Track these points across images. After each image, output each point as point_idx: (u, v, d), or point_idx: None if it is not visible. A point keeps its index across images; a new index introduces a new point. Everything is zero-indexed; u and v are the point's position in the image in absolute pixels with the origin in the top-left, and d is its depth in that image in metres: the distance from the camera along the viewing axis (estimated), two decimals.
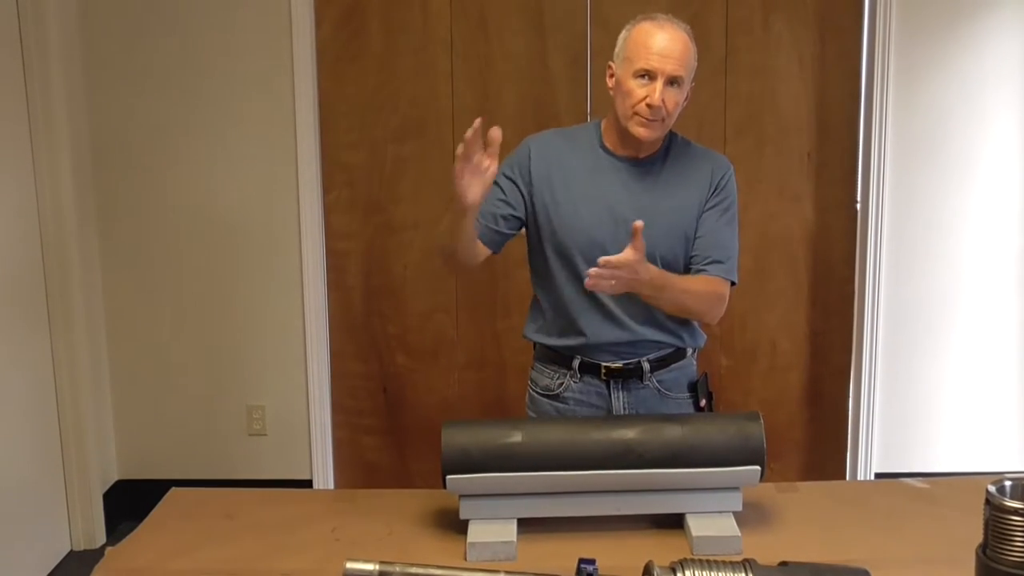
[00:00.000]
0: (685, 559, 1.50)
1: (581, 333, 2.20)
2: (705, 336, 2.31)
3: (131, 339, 3.68)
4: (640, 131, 2.10)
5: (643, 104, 2.07)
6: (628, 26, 2.14)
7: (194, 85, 3.51)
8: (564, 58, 3.54)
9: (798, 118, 3.56)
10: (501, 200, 2.19)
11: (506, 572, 1.45)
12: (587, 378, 2.24)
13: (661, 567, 1.48)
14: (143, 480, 3.70)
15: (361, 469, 3.79)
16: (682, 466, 1.88)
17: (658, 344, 2.22)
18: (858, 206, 3.58)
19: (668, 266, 2.15)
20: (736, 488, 1.92)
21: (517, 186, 2.19)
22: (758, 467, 1.89)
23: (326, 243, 3.66)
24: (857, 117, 3.54)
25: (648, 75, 2.06)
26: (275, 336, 3.67)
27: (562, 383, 2.26)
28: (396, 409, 3.77)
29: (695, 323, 2.26)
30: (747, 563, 1.49)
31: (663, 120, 2.09)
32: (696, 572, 1.47)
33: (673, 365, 2.26)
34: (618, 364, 2.21)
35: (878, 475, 3.66)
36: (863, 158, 3.54)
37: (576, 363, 2.23)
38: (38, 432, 3.33)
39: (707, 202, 2.19)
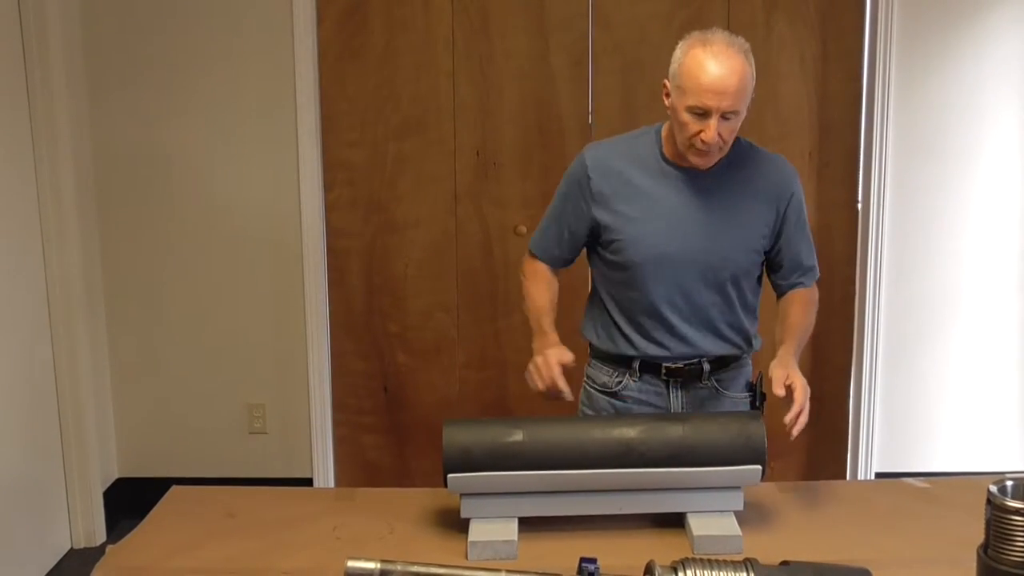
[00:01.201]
0: (686, 558, 1.50)
1: (641, 347, 2.20)
2: (762, 340, 2.30)
3: (132, 336, 3.68)
4: (697, 161, 2.07)
5: (698, 138, 2.01)
6: (682, 44, 2.03)
7: (195, 83, 3.51)
8: (566, 57, 3.54)
9: (799, 118, 3.56)
10: (560, 224, 2.21)
11: (507, 571, 1.45)
12: (647, 377, 2.23)
13: (662, 566, 1.48)
14: (143, 478, 3.70)
15: (362, 468, 3.79)
16: (683, 465, 1.88)
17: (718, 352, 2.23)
18: (859, 206, 3.58)
19: (738, 279, 2.15)
20: (737, 487, 1.92)
21: (578, 205, 2.17)
22: (759, 466, 1.89)
23: (327, 241, 3.66)
24: (858, 117, 3.54)
25: (703, 111, 1.99)
26: (276, 334, 3.67)
27: (621, 381, 2.25)
28: (397, 408, 3.77)
29: (754, 331, 2.26)
30: (748, 562, 1.49)
31: (720, 149, 2.06)
32: (697, 571, 1.46)
33: (732, 365, 2.25)
34: (679, 364, 2.21)
35: (879, 475, 3.66)
36: (864, 158, 3.54)
37: (636, 363, 2.23)
38: (38, 429, 3.33)
39: (782, 219, 2.15)
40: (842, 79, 3.54)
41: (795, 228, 2.18)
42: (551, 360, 2.14)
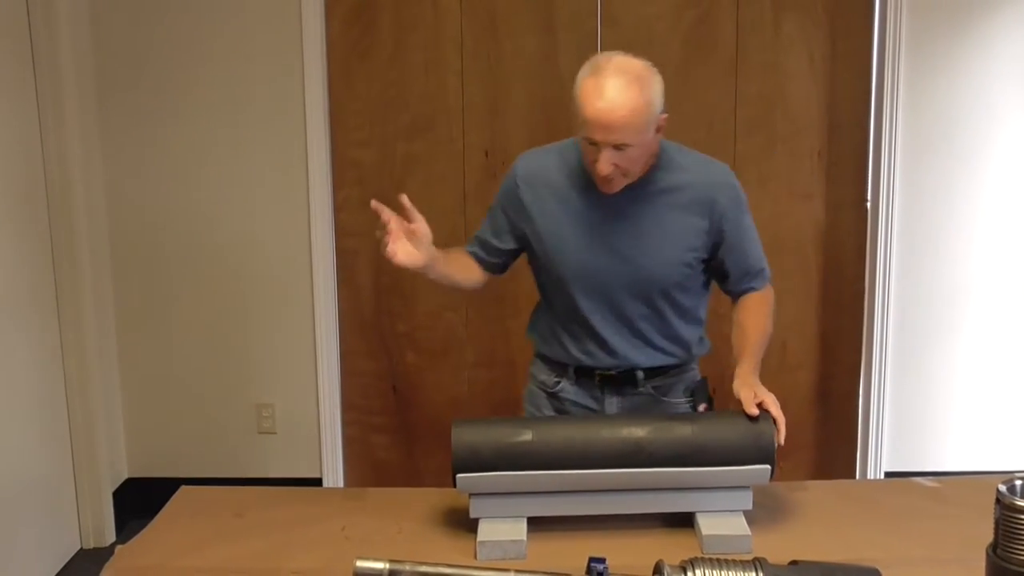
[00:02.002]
0: (695, 558, 1.50)
1: (574, 353, 2.20)
2: (709, 345, 2.28)
3: (141, 337, 3.69)
4: (601, 187, 2.01)
5: (594, 167, 1.96)
6: (583, 69, 1.95)
7: (203, 83, 3.52)
8: (574, 56, 3.53)
9: (808, 117, 3.55)
10: (491, 230, 2.21)
11: (516, 571, 1.45)
12: (583, 381, 2.23)
13: (671, 566, 1.48)
14: (153, 478, 3.71)
15: (371, 467, 3.79)
16: (692, 465, 1.88)
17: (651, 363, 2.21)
18: (868, 205, 3.57)
19: (669, 291, 2.11)
20: (746, 487, 1.92)
21: (507, 215, 2.17)
22: (768, 466, 1.88)
23: (336, 241, 3.66)
24: (867, 116, 3.53)
25: (595, 142, 1.93)
26: (285, 334, 3.67)
27: (559, 383, 2.26)
28: (406, 407, 3.77)
29: (695, 339, 2.22)
30: (757, 562, 1.49)
31: (625, 175, 1.99)
32: (706, 571, 1.46)
33: (672, 372, 2.23)
34: (611, 372, 2.20)
35: (888, 474, 3.65)
36: (873, 157, 3.53)
37: (571, 369, 2.23)
38: (48, 430, 3.34)
39: (718, 228, 2.10)
40: (851, 78, 3.53)
41: (735, 235, 2.11)
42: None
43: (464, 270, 2.24)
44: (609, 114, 1.87)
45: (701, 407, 2.18)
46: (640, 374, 2.19)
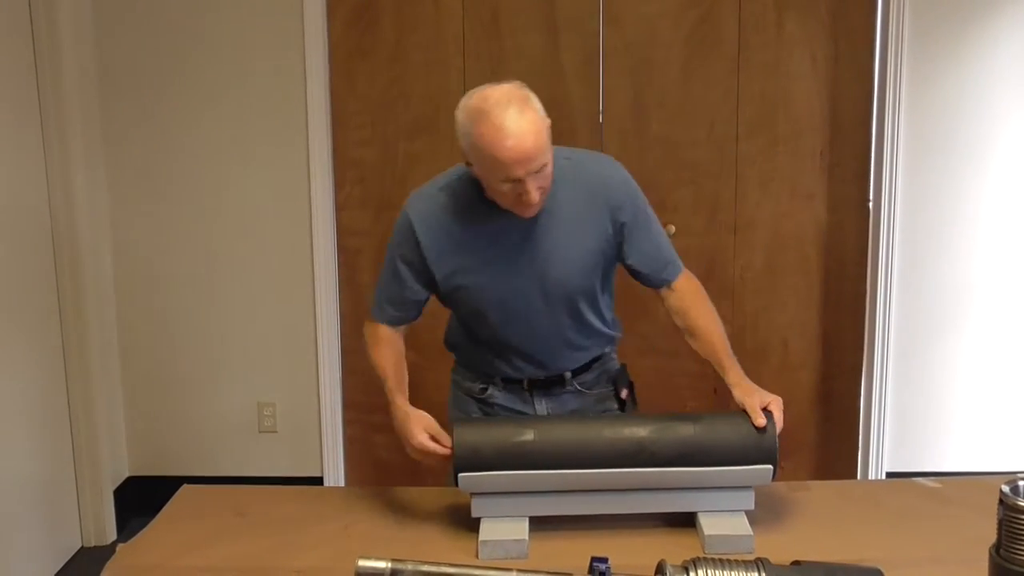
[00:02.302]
0: (697, 558, 1.49)
1: (501, 369, 2.18)
2: (621, 324, 2.26)
3: (142, 335, 3.69)
4: (525, 214, 1.95)
5: (520, 202, 1.90)
6: (463, 117, 1.87)
7: (206, 82, 3.52)
8: (577, 56, 3.54)
9: (811, 117, 3.55)
10: (396, 285, 2.11)
11: (518, 570, 1.44)
12: (511, 386, 2.21)
13: (673, 566, 1.48)
14: (154, 477, 3.71)
15: (372, 466, 3.79)
16: (694, 465, 1.88)
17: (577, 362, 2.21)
18: (871, 205, 3.56)
19: (583, 296, 2.09)
20: (748, 487, 1.92)
21: (410, 266, 2.07)
22: (770, 466, 1.88)
23: (337, 240, 3.66)
24: (870, 116, 3.52)
25: (516, 179, 1.86)
26: (286, 333, 3.67)
27: (486, 389, 2.23)
28: None
29: (607, 324, 2.20)
30: (759, 562, 1.49)
31: (544, 193, 1.93)
32: (709, 571, 1.46)
33: (594, 366, 2.23)
34: (540, 376, 2.19)
35: (889, 474, 3.64)
36: (876, 157, 3.52)
37: (498, 378, 2.21)
38: (49, 429, 3.34)
39: (620, 229, 2.06)
40: (853, 78, 3.53)
41: (637, 232, 2.07)
42: (418, 439, 2.00)
43: (398, 354, 2.21)
44: (521, 145, 1.81)
45: (623, 393, 2.22)
46: (568, 375, 2.19)
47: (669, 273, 2.12)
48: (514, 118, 1.82)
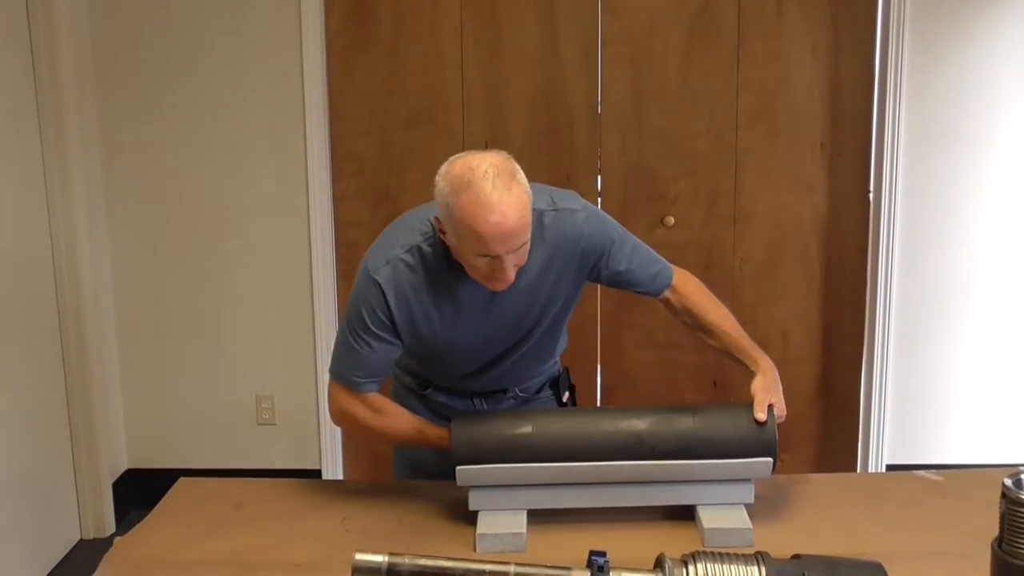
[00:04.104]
0: (697, 552, 1.48)
1: (445, 386, 2.15)
2: (567, 339, 2.24)
3: (141, 328, 3.68)
4: (494, 288, 1.86)
5: (493, 277, 1.82)
6: (444, 187, 1.77)
7: (203, 75, 3.50)
8: (575, 47, 3.52)
9: (811, 107, 3.53)
10: (374, 355, 1.95)
11: (516, 564, 1.43)
12: (453, 391, 2.16)
13: (673, 560, 1.47)
14: (152, 469, 3.70)
15: (370, 459, 3.78)
16: (693, 457, 1.87)
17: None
18: (871, 196, 3.55)
19: (551, 331, 2.05)
20: (748, 480, 1.91)
21: (387, 340, 1.93)
22: (770, 459, 1.87)
23: (336, 233, 3.64)
24: (871, 105, 3.51)
25: (493, 255, 1.78)
26: (284, 326, 3.66)
27: (427, 390, 2.18)
28: None
29: (562, 344, 2.19)
30: (759, 556, 1.47)
31: (519, 268, 1.86)
32: (708, 565, 1.45)
33: (535, 374, 2.20)
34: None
35: (889, 467, 3.63)
36: (876, 147, 3.50)
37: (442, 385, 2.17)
38: (48, 421, 3.33)
39: (595, 270, 2.00)
40: (854, 67, 3.51)
41: (621, 257, 2.00)
42: None
43: (401, 408, 2.09)
44: (505, 223, 1.72)
45: (564, 396, 2.21)
46: (512, 388, 2.18)
47: (663, 277, 2.08)
48: (500, 193, 1.72)
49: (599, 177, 3.59)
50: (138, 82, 3.51)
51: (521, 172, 1.80)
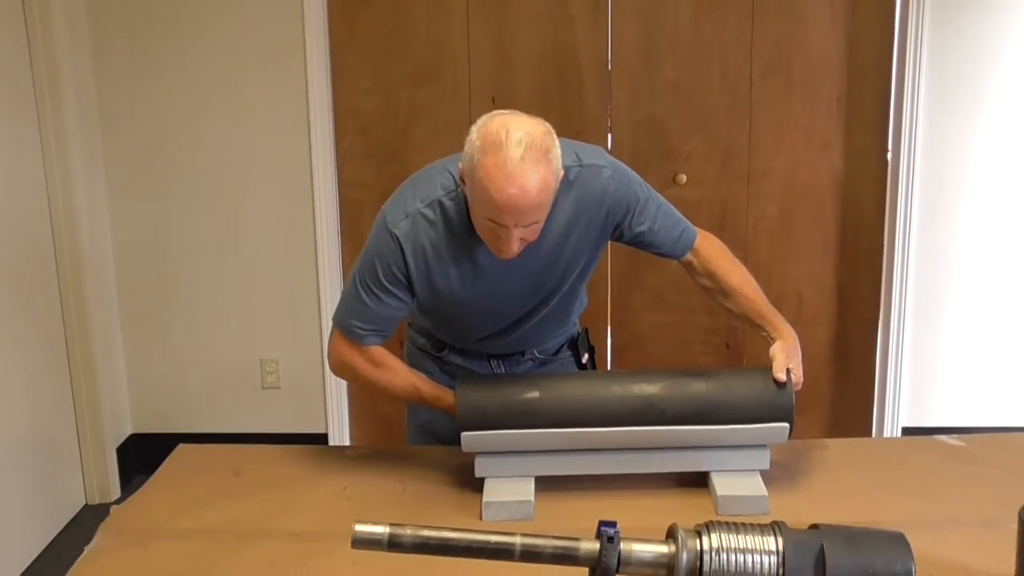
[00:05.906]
0: (711, 521, 1.42)
1: (463, 347, 2.11)
2: (587, 301, 2.20)
3: (143, 292, 3.64)
4: (497, 256, 1.81)
5: (497, 246, 1.77)
6: (476, 140, 1.69)
7: (203, 32, 3.42)
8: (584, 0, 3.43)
9: (827, 61, 3.43)
10: (384, 308, 1.89)
11: (522, 535, 1.37)
12: (468, 352, 2.13)
13: (686, 530, 1.40)
14: (157, 434, 3.68)
15: (377, 423, 3.74)
16: (707, 423, 1.81)
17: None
18: (889, 154, 3.46)
19: (571, 293, 2.01)
20: (763, 446, 1.85)
21: (399, 288, 1.88)
22: (787, 424, 1.82)
23: (340, 192, 3.58)
24: (889, 60, 3.41)
25: (499, 224, 1.72)
26: (289, 289, 3.61)
27: (443, 351, 2.14)
28: None
29: (581, 305, 2.16)
30: (776, 526, 1.41)
31: (526, 244, 1.80)
32: (723, 535, 1.38)
33: (554, 336, 2.16)
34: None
35: (905, 430, 3.58)
36: (895, 103, 3.42)
37: (458, 346, 2.14)
38: (51, 387, 3.31)
39: (621, 230, 1.94)
40: (872, 20, 3.40)
41: (647, 218, 1.94)
42: None
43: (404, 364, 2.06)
44: (520, 199, 1.66)
45: (584, 358, 2.17)
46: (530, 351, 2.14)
47: (686, 239, 2.01)
48: (525, 167, 1.65)
49: (609, 135, 3.51)
50: (137, 39, 3.44)
51: (557, 151, 1.72)
